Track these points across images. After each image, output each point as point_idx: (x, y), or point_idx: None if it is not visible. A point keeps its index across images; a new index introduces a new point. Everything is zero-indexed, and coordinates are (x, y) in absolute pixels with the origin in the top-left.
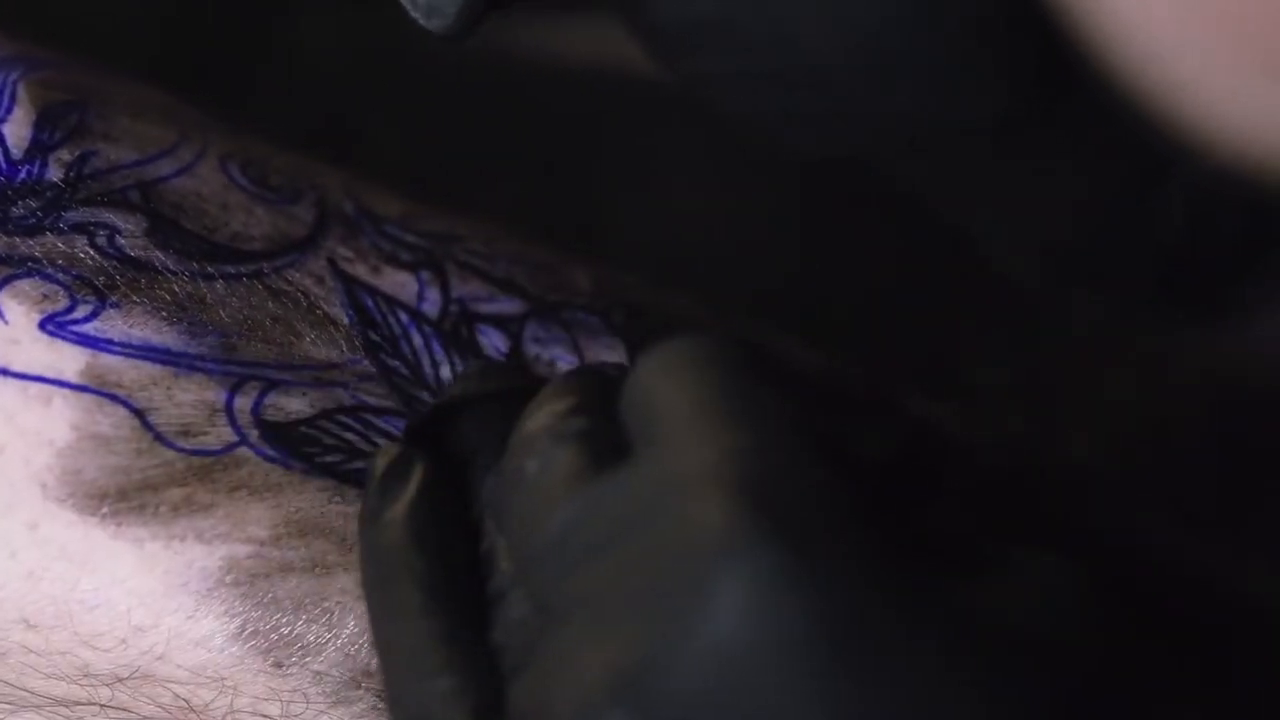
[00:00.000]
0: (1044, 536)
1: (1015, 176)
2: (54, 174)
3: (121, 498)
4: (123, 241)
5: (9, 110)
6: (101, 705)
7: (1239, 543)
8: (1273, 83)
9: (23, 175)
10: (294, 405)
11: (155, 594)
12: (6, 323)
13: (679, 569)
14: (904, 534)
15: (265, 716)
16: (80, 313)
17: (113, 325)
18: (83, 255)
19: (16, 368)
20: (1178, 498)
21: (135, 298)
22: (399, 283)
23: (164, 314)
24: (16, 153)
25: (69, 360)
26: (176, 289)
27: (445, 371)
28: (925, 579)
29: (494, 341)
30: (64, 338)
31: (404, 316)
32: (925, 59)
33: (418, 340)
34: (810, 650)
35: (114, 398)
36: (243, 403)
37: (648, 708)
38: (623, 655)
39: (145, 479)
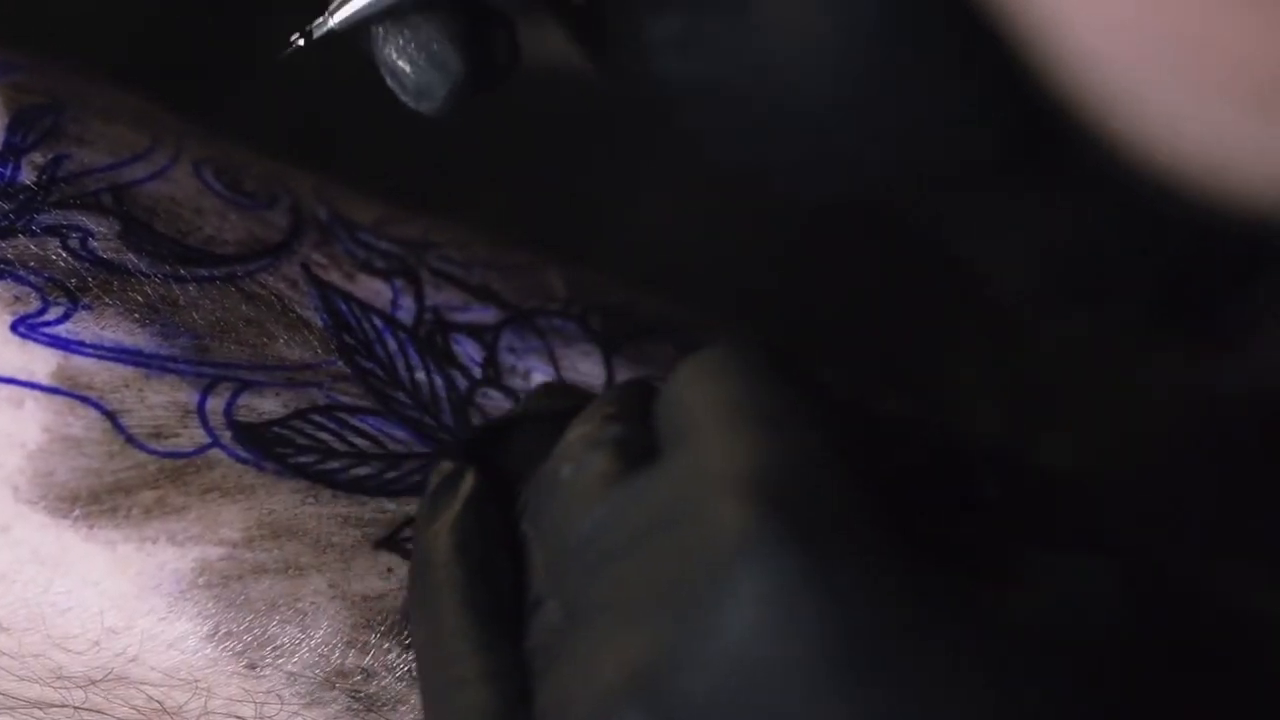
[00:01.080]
0: (1079, 542)
1: (1007, 211)
2: (27, 177)
3: (93, 500)
4: (95, 244)
5: None
6: (75, 707)
7: (1227, 552)
8: (1242, 115)
9: None
10: (267, 406)
11: (128, 596)
12: None
13: (699, 570)
14: (931, 539)
15: (239, 718)
16: (52, 314)
17: (85, 327)
18: (55, 257)
19: None
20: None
21: (107, 300)
22: (373, 289)
23: (136, 316)
24: None
25: (40, 362)
26: (149, 291)
27: (421, 375)
28: (950, 583)
29: (468, 350)
30: (36, 339)
31: (378, 321)
32: (910, 110)
33: (392, 344)
34: (827, 653)
35: (86, 400)
36: (215, 404)
37: (663, 708)
38: (640, 655)
39: (117, 481)
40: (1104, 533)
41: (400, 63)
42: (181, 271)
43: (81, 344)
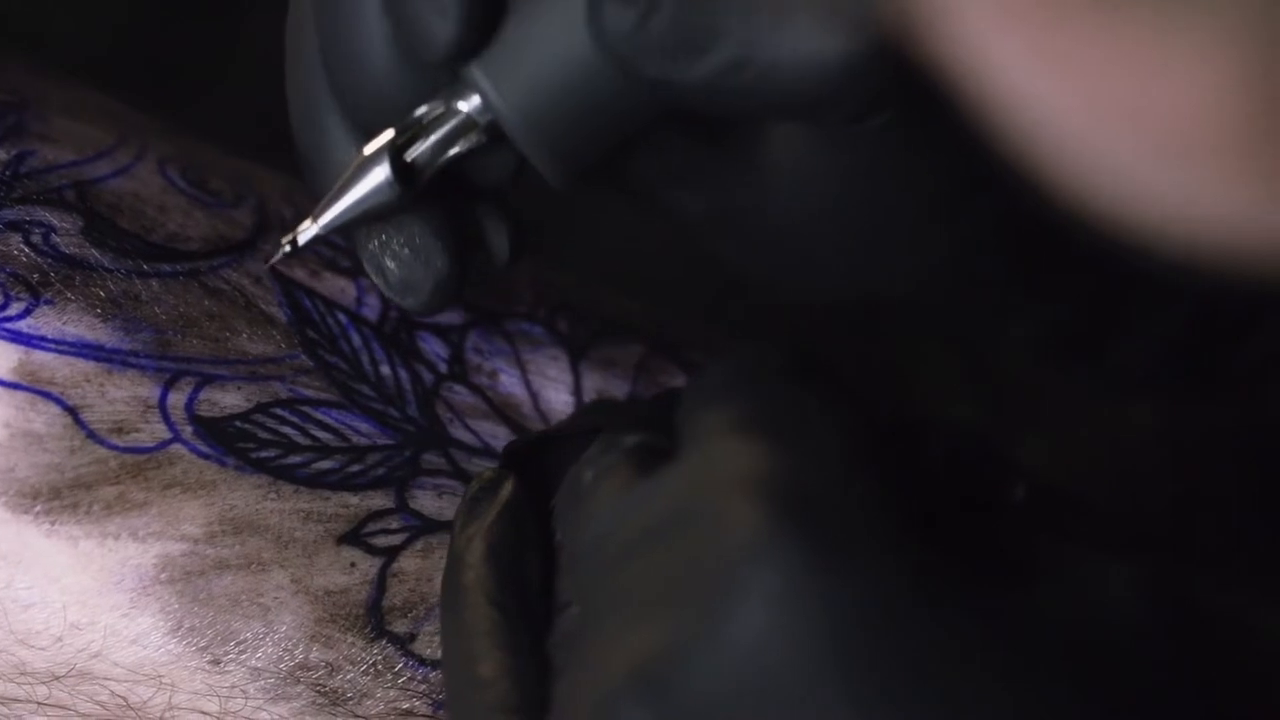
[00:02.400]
0: (1103, 547)
1: (1000, 297)
2: None
3: (55, 496)
4: (58, 239)
5: None
6: (39, 703)
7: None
8: (1204, 177)
9: None
10: (228, 400)
11: (90, 592)
12: None
13: (710, 570)
14: (953, 541)
15: (203, 713)
16: (14, 309)
17: (46, 322)
18: (17, 253)
19: None
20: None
21: (69, 295)
22: (338, 287)
23: (98, 311)
24: None
25: (1, 358)
26: (111, 286)
27: (385, 369)
28: (967, 586)
29: (434, 348)
30: None
31: (343, 317)
32: (888, 237)
33: (356, 340)
34: (835, 654)
35: (47, 395)
36: (176, 399)
37: (668, 703)
38: (647, 652)
39: (78, 477)
40: (1126, 539)
41: (384, 259)
42: (144, 267)
43: (43, 339)
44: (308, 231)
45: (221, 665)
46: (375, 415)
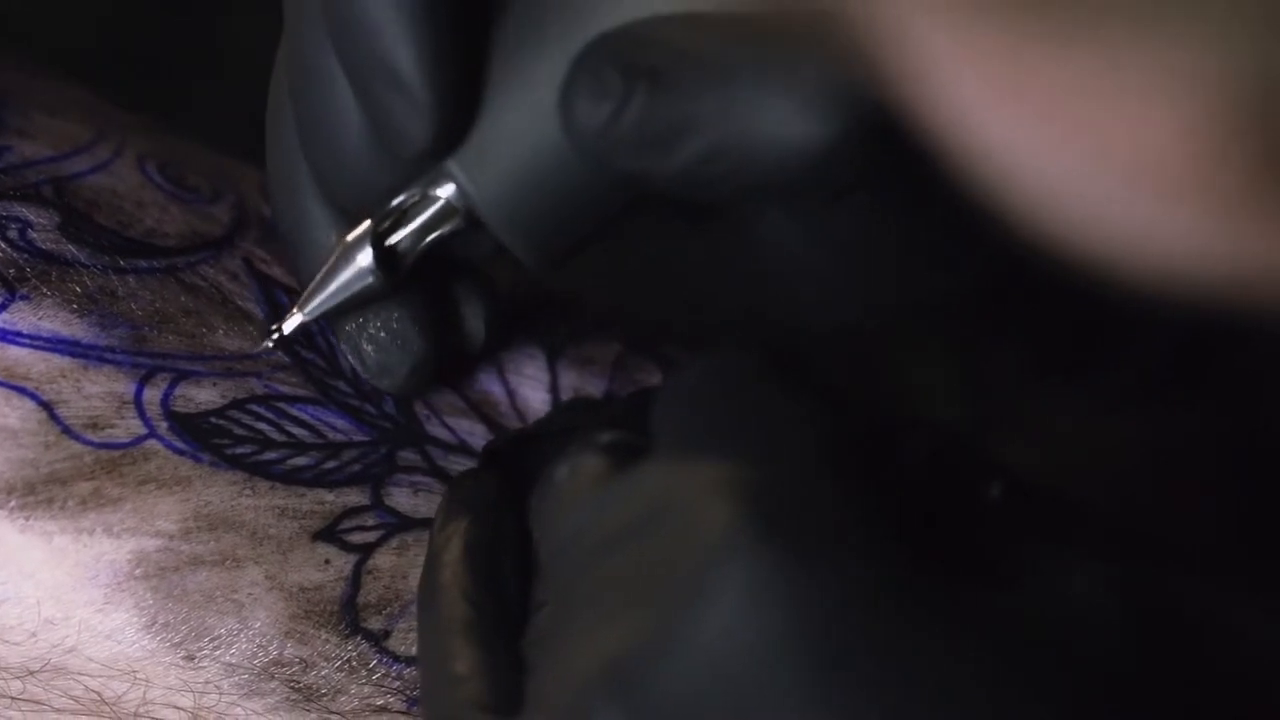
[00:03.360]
0: (1081, 549)
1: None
2: None
3: (29, 491)
4: (34, 235)
5: None
6: (13, 698)
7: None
8: (1165, 209)
9: None
10: (204, 396)
11: (65, 587)
12: None
13: (680, 567)
14: (928, 541)
15: (178, 708)
16: None
17: (22, 317)
18: None
19: None
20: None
21: (45, 290)
22: None
23: (74, 306)
24: None
25: None
26: (87, 282)
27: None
28: (941, 585)
29: None
30: None
31: None
32: (874, 286)
33: (333, 336)
34: (801, 652)
35: (22, 390)
36: (152, 394)
37: (636, 701)
38: (617, 649)
39: (53, 472)
40: (1105, 540)
41: (361, 341)
42: (121, 263)
43: (18, 334)
44: (293, 320)
45: (196, 661)
46: (351, 411)
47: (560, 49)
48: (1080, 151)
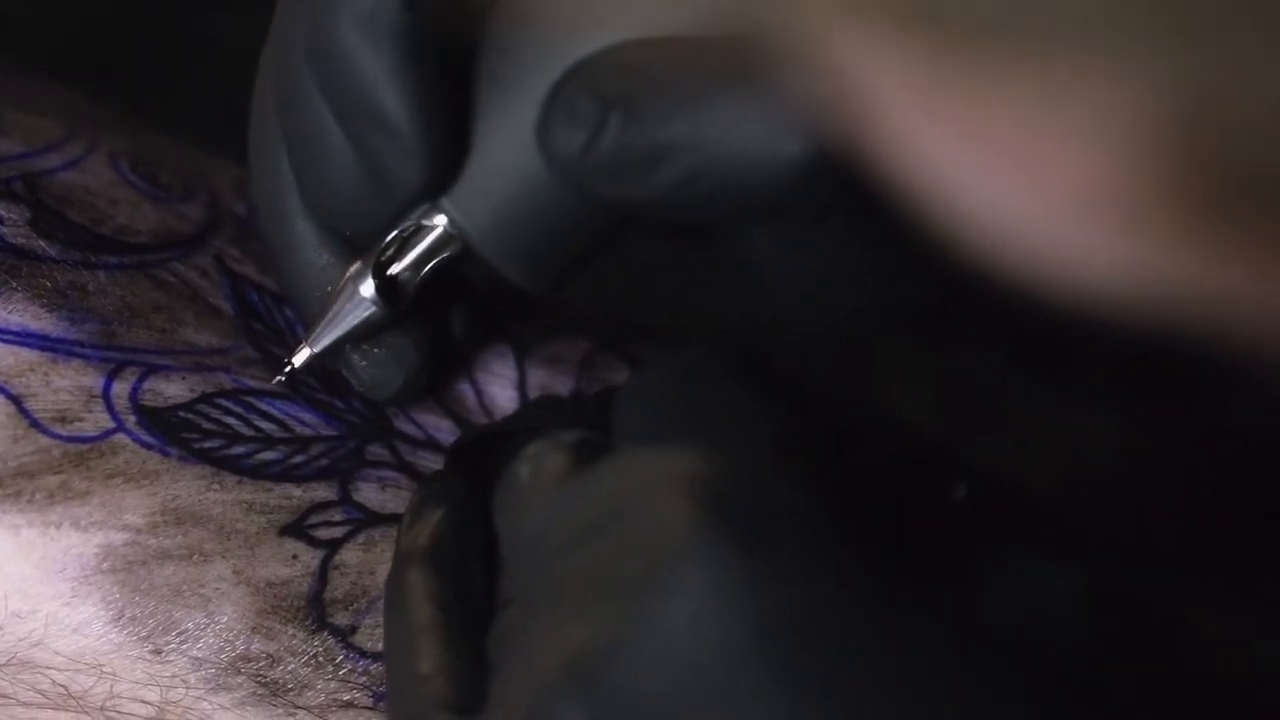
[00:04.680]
0: (1046, 549)
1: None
2: None
3: None
4: (4, 230)
5: None
6: None
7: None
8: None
9: None
10: (172, 390)
11: (32, 580)
12: None
13: (640, 565)
14: (890, 540)
15: (144, 702)
16: None
17: None
18: None
19: None
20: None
21: (15, 285)
22: None
23: (44, 301)
24: None
25: None
26: (58, 277)
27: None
28: (900, 582)
29: None
30: None
31: (290, 313)
32: (855, 295)
33: (302, 334)
34: (759, 651)
35: None
36: (120, 388)
37: (598, 699)
38: (578, 646)
39: (21, 465)
40: (1069, 541)
41: (354, 356)
42: (92, 259)
43: None
44: (302, 355)
45: (163, 655)
46: (320, 406)
47: (538, 81)
48: (1017, 176)
